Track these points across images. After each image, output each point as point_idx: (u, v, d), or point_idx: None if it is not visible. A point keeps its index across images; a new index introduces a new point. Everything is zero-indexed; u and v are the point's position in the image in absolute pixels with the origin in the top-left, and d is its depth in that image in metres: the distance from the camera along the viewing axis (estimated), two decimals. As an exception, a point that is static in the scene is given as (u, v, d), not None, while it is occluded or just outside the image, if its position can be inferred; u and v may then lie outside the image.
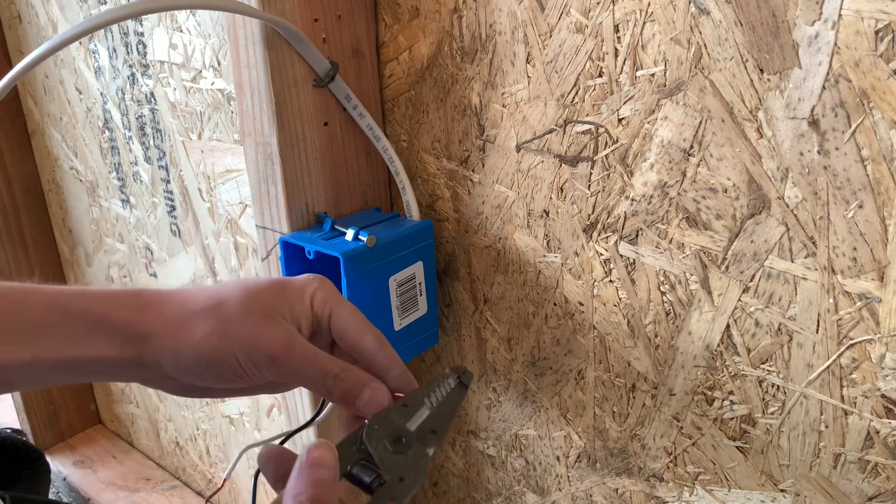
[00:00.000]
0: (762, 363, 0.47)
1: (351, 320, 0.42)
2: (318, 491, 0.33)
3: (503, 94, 0.54)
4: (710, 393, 0.50)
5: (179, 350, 0.39)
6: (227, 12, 0.50)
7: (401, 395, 0.40)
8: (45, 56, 0.44)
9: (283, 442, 0.50)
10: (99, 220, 0.99)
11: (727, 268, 0.46)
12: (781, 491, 0.48)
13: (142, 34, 0.76)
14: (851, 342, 0.42)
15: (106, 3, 0.79)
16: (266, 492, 0.81)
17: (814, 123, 0.40)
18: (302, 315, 0.41)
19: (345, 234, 0.55)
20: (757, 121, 0.42)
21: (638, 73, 0.46)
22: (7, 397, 1.18)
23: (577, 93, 0.50)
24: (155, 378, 0.40)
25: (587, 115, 0.50)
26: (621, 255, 0.51)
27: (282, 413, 0.80)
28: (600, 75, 0.48)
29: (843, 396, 0.43)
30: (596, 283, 0.53)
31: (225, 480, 0.46)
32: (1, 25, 1.00)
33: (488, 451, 0.68)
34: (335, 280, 0.54)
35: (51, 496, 1.02)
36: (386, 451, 0.37)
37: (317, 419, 0.58)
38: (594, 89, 0.49)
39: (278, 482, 0.36)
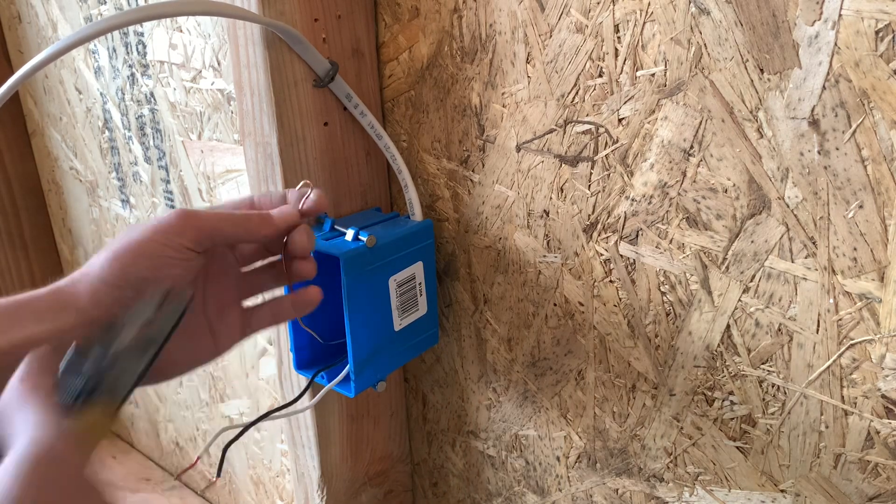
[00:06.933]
0: (762, 363, 0.46)
1: (223, 216, 0.44)
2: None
3: (503, 94, 0.54)
4: (710, 393, 0.50)
5: (103, 267, 0.40)
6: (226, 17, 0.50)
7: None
8: (45, 64, 0.44)
9: (252, 423, 0.51)
10: (99, 221, 0.99)
11: (727, 268, 0.46)
12: (782, 491, 0.48)
13: (142, 34, 0.76)
14: (852, 342, 0.42)
15: (105, 2, 0.79)
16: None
17: (814, 123, 0.40)
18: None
19: (345, 234, 0.55)
20: (757, 121, 0.42)
21: (638, 73, 0.46)
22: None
23: (577, 93, 0.50)
24: None
25: (587, 115, 0.50)
26: (621, 256, 0.51)
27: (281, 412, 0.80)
28: (600, 75, 0.48)
29: (843, 397, 0.43)
30: (596, 284, 0.53)
31: (198, 458, 0.47)
32: (0, 25, 1.00)
33: (488, 452, 0.68)
34: (335, 280, 0.54)
35: (50, 496, 1.02)
36: (94, 363, 0.36)
37: (301, 402, 0.58)
38: (594, 89, 0.49)
39: None
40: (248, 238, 0.44)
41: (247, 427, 0.51)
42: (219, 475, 0.49)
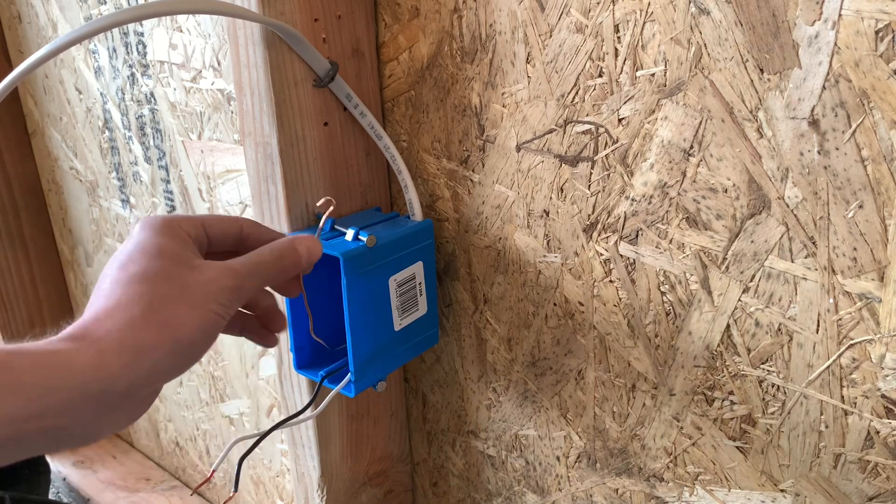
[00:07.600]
0: (762, 363, 0.46)
1: (218, 217, 0.44)
2: None
3: (503, 94, 0.54)
4: (710, 393, 0.50)
5: (175, 347, 0.36)
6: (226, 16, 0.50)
7: None
8: (44, 61, 0.44)
9: (266, 433, 0.51)
10: (99, 220, 0.99)
11: (727, 268, 0.46)
12: (781, 491, 0.48)
13: (142, 34, 0.76)
14: (851, 342, 0.42)
15: (105, 2, 0.79)
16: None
17: (814, 123, 0.40)
18: (193, 246, 0.42)
19: (345, 234, 0.55)
20: (757, 121, 0.42)
21: (638, 73, 0.46)
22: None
23: (577, 93, 0.50)
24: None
25: (587, 115, 0.50)
26: (621, 255, 0.51)
27: (281, 412, 0.80)
28: (600, 75, 0.48)
29: (843, 396, 0.43)
30: (596, 284, 0.53)
31: (213, 472, 0.47)
32: (1, 25, 1.00)
33: (488, 451, 0.68)
34: (335, 280, 0.54)
35: (51, 496, 1.02)
36: None
37: (310, 409, 0.58)
38: (594, 89, 0.49)
39: None
40: (274, 283, 0.44)
41: (261, 438, 0.52)
42: (235, 489, 0.49)
